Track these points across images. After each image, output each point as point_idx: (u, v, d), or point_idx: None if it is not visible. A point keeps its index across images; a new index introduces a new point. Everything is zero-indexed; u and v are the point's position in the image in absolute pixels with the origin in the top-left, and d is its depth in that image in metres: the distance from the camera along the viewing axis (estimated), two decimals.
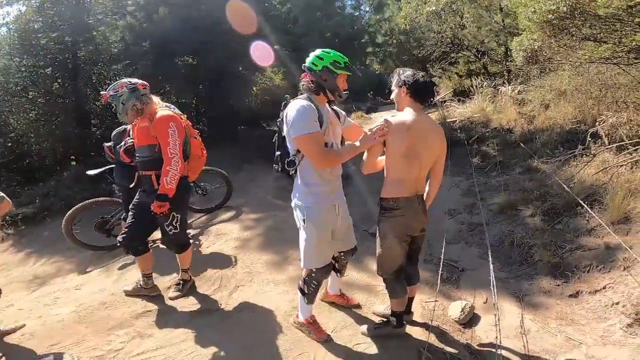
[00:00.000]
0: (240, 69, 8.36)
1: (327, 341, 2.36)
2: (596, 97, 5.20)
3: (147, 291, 3.04)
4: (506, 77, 8.91)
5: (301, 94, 2.14)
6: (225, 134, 7.87)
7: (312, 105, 2.01)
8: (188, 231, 3.31)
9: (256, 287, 3.09)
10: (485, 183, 5.03)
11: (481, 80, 8.66)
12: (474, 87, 8.45)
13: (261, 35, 6.99)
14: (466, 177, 5.37)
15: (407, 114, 2.04)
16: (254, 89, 10.40)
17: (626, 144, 4.06)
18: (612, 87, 5.02)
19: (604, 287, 2.65)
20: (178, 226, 2.75)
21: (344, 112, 2.38)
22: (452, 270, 3.25)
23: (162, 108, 2.70)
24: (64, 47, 6.48)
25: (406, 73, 2.08)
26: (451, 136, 6.82)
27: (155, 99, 2.77)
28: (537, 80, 6.82)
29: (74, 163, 7.27)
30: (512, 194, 4.33)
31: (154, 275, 3.08)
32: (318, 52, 2.09)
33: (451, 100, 9.59)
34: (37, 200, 5.76)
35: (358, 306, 2.76)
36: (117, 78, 7.94)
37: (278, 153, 2.21)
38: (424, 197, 2.23)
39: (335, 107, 2.28)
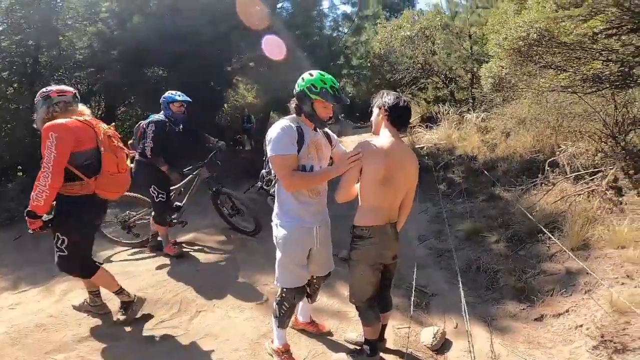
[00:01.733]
0: (212, 84, 8.18)
1: None
2: (553, 126, 5.48)
3: (94, 309, 2.79)
4: (471, 104, 9.24)
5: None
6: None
7: (293, 126, 1.98)
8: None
9: (220, 313, 2.90)
10: (452, 210, 5.14)
11: (448, 106, 8.97)
12: (441, 114, 8.72)
13: (236, 50, 6.84)
14: (433, 204, 5.49)
15: (384, 139, 1.99)
16: (225, 105, 10.21)
17: (583, 173, 4.29)
18: (568, 116, 5.29)
19: (567, 311, 2.71)
20: (64, 249, 2.41)
21: (336, 137, 2.34)
22: (423, 296, 3.22)
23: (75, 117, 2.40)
24: (25, 50, 6.10)
25: (390, 95, 2.05)
26: (419, 162, 7.00)
27: (82, 107, 2.52)
28: (500, 108, 7.13)
29: (21, 174, 6.71)
30: (477, 221, 4.44)
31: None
32: (305, 73, 2.04)
33: (419, 125, 9.88)
34: None
35: (329, 333, 2.65)
36: (79, 86, 7.61)
37: (264, 171, 2.20)
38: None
39: (327, 130, 2.24)
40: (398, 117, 2.00)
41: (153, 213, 3.78)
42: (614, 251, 2.99)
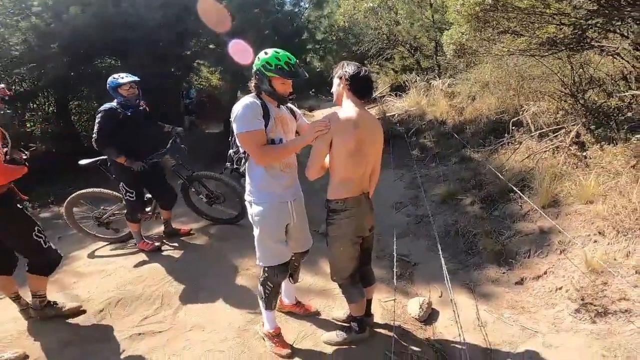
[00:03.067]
0: (173, 70, 7.86)
1: (289, 357, 2.23)
2: (515, 88, 5.61)
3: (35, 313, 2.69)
4: (437, 71, 9.37)
5: None
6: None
7: (257, 101, 1.98)
8: None
9: (205, 303, 2.84)
10: (426, 174, 5.20)
11: (415, 75, 9.04)
12: (409, 82, 8.79)
13: (193, 34, 6.54)
14: (408, 170, 5.53)
15: (350, 110, 1.94)
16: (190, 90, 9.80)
17: (546, 131, 4.42)
18: (528, 78, 5.44)
19: (545, 272, 2.80)
20: None
21: (299, 111, 2.35)
22: (405, 266, 3.27)
23: None
24: None
25: (350, 65, 2.02)
26: (391, 129, 7.02)
27: None
28: (464, 74, 7.26)
29: None
30: (452, 184, 4.53)
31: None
32: (261, 52, 2.02)
33: (389, 95, 9.93)
34: None
35: (317, 313, 2.65)
36: (23, 83, 7.04)
37: (231, 151, 2.16)
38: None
39: (290, 105, 2.26)
40: (360, 87, 1.98)
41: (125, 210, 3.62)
42: (582, 207, 3.11)
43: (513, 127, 4.86)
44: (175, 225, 4.11)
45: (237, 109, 1.95)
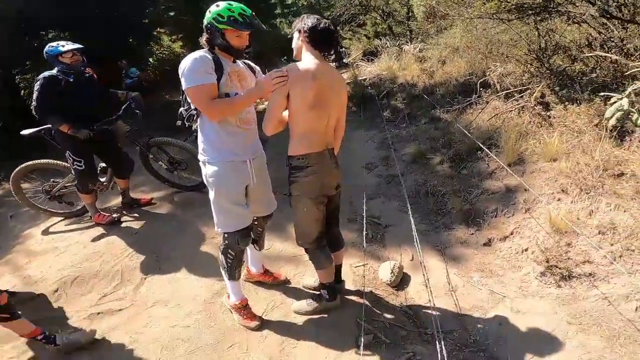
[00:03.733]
0: (131, 40, 7.33)
1: (258, 329, 2.17)
2: (483, 52, 5.61)
3: None
4: (409, 36, 9.30)
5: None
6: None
7: (208, 55, 1.83)
8: None
9: (167, 277, 2.72)
10: (397, 135, 5.15)
11: (387, 40, 8.95)
12: (381, 47, 8.70)
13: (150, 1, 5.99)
14: (379, 131, 5.45)
15: (309, 62, 1.82)
16: (150, 60, 9.09)
17: (512, 91, 4.42)
18: (497, 43, 5.45)
19: (512, 233, 2.82)
20: None
21: (258, 67, 2.17)
22: (377, 228, 3.24)
23: None
24: None
25: (309, 18, 1.86)
26: (363, 92, 6.91)
27: None
28: (435, 39, 7.26)
29: None
30: (422, 144, 4.50)
31: None
32: (212, 5, 1.83)
33: (362, 60, 9.77)
34: None
35: (287, 281, 2.59)
36: None
37: (182, 109, 1.97)
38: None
39: (248, 61, 2.12)
40: (320, 39, 1.84)
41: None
42: (546, 164, 3.14)
43: (480, 88, 4.85)
44: (136, 195, 3.88)
45: (184, 64, 1.78)
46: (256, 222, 2.27)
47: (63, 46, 2.96)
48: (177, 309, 2.39)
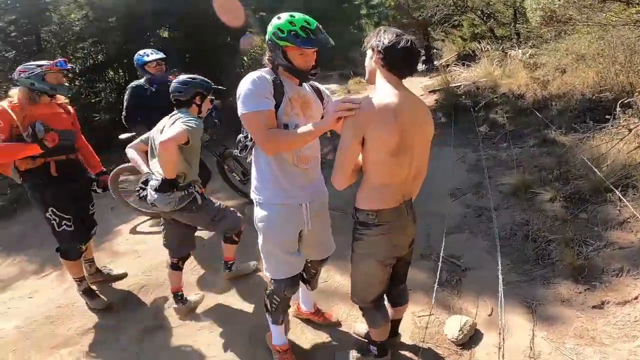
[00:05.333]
0: (229, 38, 7.75)
1: None
2: (621, 63, 4.55)
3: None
4: (516, 40, 8.21)
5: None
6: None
7: (267, 77, 1.59)
8: None
9: (221, 298, 2.67)
10: (495, 157, 4.42)
11: (488, 43, 8.05)
12: (480, 51, 7.78)
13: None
14: (473, 149, 4.76)
15: (387, 93, 1.44)
16: (244, 58, 9.70)
17: None
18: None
19: (636, 298, 2.16)
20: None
21: (328, 92, 1.88)
22: (454, 271, 2.74)
23: None
24: (23, 29, 5.96)
25: (387, 33, 1.46)
26: (455, 101, 6.16)
27: None
28: (552, 44, 6.22)
29: None
30: (527, 172, 3.74)
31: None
32: (274, 18, 1.57)
33: (455, 64, 8.90)
34: (9, 191, 5.34)
35: (337, 324, 2.31)
36: (88, 58, 7.45)
37: (241, 135, 1.79)
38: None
39: (317, 84, 1.84)
40: (399, 62, 1.45)
41: None
42: None
43: (619, 109, 3.84)
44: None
45: (242, 86, 1.56)
46: (309, 264, 2.05)
47: (148, 55, 3.13)
48: (221, 339, 2.30)
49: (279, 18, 1.55)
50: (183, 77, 2.35)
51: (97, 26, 6.04)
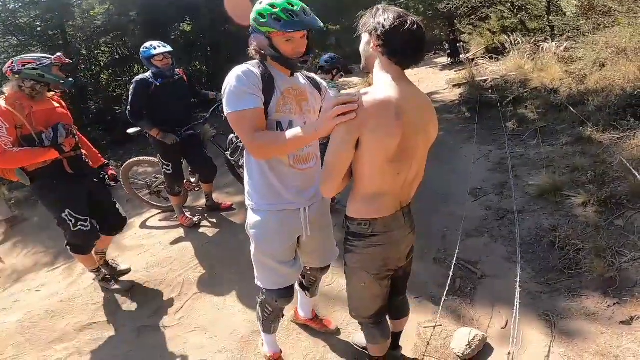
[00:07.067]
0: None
1: None
2: None
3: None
4: (549, 32, 7.71)
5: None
6: None
7: (255, 70, 1.39)
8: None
9: (217, 300, 2.57)
10: (522, 155, 4.10)
11: (518, 36, 7.62)
12: (510, 44, 7.40)
13: None
14: (498, 146, 4.45)
15: (387, 87, 1.20)
16: None
17: None
18: None
19: None
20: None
21: (325, 84, 1.69)
22: (469, 277, 2.52)
23: None
24: (48, 24, 6.13)
25: (387, 13, 1.20)
26: (481, 96, 5.84)
27: None
28: (589, 37, 5.72)
29: None
30: (558, 173, 3.42)
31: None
32: (257, 3, 1.39)
33: (483, 57, 8.54)
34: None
35: (336, 332, 2.16)
36: (109, 51, 7.62)
37: (232, 135, 1.65)
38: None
39: (313, 75, 1.65)
40: (401, 50, 1.20)
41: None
42: None
43: None
44: (219, 198, 3.95)
45: (227, 82, 1.38)
46: (309, 272, 1.89)
47: (155, 49, 3.01)
48: (213, 341, 2.21)
49: (260, 3, 1.36)
50: None
51: (119, 20, 6.14)
